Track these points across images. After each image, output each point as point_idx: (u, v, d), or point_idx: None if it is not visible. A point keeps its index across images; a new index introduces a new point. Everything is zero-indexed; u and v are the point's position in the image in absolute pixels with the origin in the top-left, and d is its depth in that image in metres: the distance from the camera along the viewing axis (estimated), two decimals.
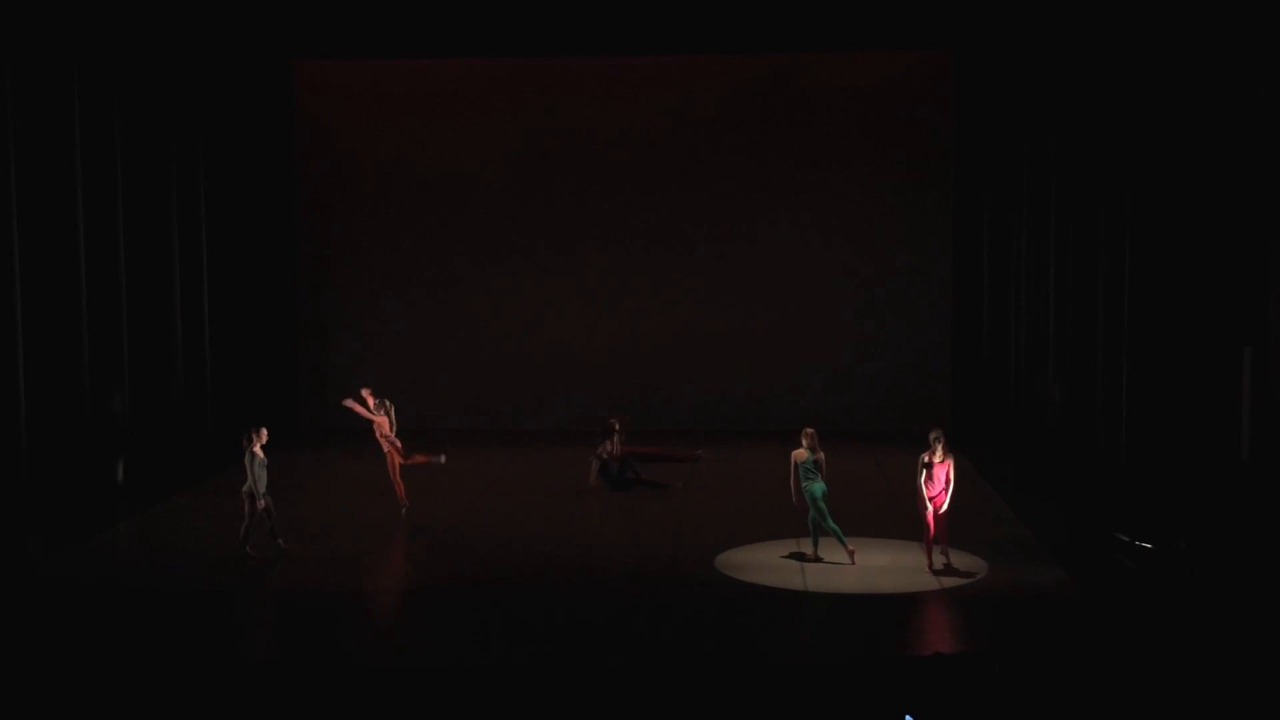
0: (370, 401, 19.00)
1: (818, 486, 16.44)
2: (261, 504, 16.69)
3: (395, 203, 26.84)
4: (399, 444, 18.97)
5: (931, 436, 16.13)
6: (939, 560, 16.12)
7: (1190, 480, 16.66)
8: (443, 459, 19.07)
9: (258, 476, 16.59)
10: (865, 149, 26.38)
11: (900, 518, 18.26)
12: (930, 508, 15.99)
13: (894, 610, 14.94)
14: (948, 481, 15.98)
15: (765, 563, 16.68)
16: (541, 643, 13.95)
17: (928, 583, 15.74)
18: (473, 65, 26.46)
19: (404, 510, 18.96)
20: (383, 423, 18.97)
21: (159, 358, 22.38)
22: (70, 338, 19.59)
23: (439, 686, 12.49)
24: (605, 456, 20.78)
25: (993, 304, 24.79)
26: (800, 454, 16.55)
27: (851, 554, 16.46)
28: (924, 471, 15.99)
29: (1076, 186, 20.10)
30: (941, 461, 15.96)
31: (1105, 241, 18.67)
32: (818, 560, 16.55)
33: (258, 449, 16.68)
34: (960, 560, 16.39)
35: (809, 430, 16.78)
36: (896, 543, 17.38)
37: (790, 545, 17.30)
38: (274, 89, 26.13)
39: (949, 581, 15.75)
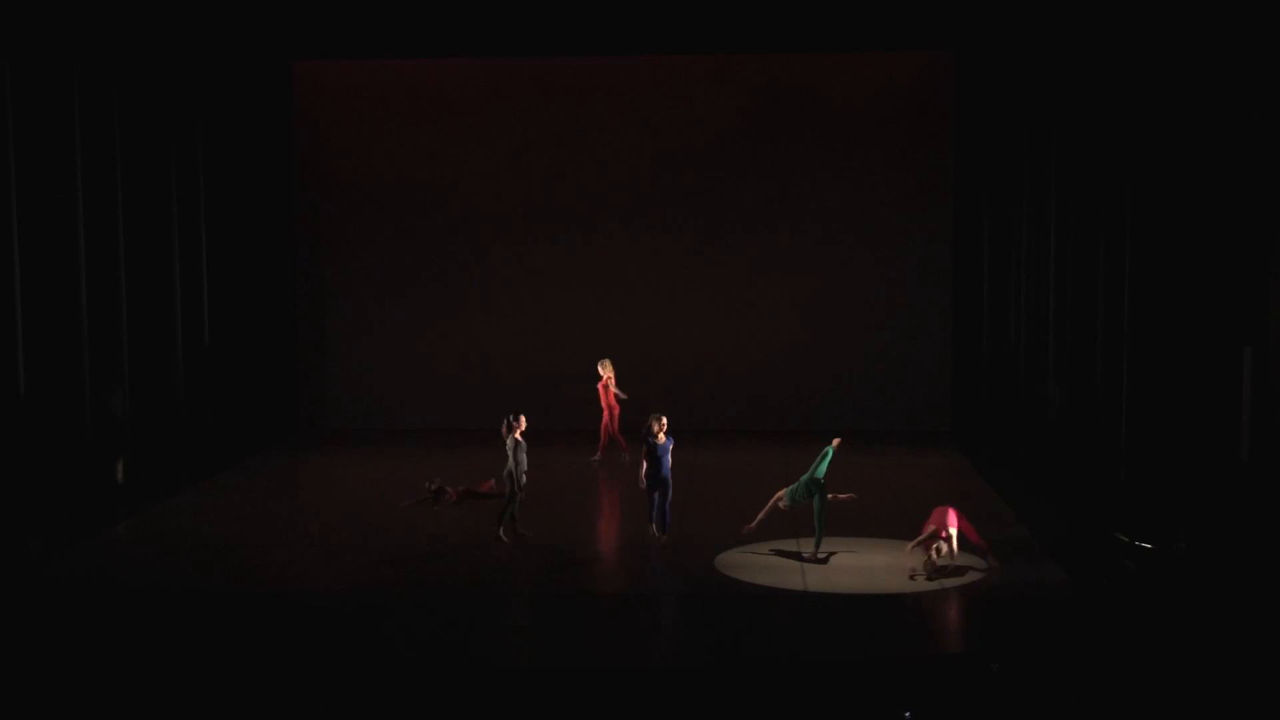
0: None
1: (819, 474, 16.60)
2: (505, 487, 17.33)
3: (396, 202, 26.82)
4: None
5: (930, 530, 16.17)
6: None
7: (1190, 480, 16.66)
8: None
9: (519, 461, 17.26)
10: (864, 150, 26.36)
11: (901, 518, 18.26)
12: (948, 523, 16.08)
13: (894, 610, 14.94)
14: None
15: (765, 563, 16.69)
16: (539, 643, 13.94)
17: (928, 583, 15.74)
18: (474, 65, 26.43)
19: (595, 460, 22.30)
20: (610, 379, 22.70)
21: (159, 357, 22.37)
22: (70, 337, 19.58)
23: (436, 687, 12.50)
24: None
25: (993, 304, 24.80)
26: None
27: (814, 556, 16.64)
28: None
29: (1076, 186, 20.10)
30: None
31: (1105, 241, 18.68)
32: (818, 560, 16.57)
33: (519, 434, 17.30)
34: (959, 560, 16.39)
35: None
36: (896, 543, 17.38)
37: (790, 545, 17.31)
38: (274, 89, 26.13)
39: (949, 581, 15.75)
